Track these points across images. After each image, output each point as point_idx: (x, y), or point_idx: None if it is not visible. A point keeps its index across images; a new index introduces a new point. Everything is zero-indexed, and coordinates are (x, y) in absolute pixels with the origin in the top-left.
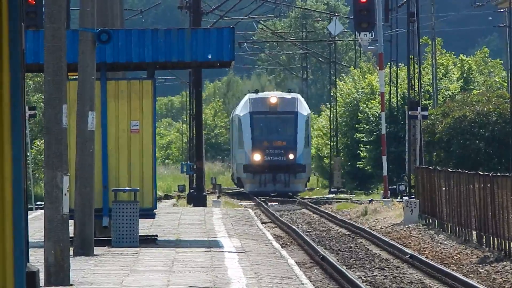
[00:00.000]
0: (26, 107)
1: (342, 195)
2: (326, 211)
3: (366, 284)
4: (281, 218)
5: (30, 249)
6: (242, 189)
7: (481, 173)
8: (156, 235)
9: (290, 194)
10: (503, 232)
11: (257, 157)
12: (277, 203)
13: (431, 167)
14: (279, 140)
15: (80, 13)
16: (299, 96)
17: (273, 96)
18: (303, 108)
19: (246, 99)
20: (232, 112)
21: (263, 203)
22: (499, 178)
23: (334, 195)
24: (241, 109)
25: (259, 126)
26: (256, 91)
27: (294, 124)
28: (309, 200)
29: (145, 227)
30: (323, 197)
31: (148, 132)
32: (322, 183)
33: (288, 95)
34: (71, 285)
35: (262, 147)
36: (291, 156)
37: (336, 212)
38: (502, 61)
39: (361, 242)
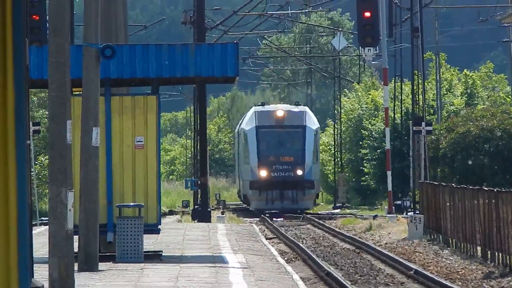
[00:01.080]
0: (30, 123)
1: (347, 211)
2: (331, 226)
3: None
4: (285, 234)
5: (34, 265)
6: (248, 206)
7: (486, 189)
8: (161, 251)
9: (299, 211)
10: (508, 247)
11: (263, 173)
12: (281, 218)
13: (435, 183)
14: (286, 156)
15: (84, 28)
16: (307, 109)
17: (280, 109)
18: (312, 122)
19: (251, 112)
20: (237, 126)
21: (267, 219)
22: (504, 194)
23: (338, 211)
24: (247, 123)
25: (266, 141)
26: (263, 104)
27: (302, 139)
28: (314, 215)
29: (149, 242)
30: (328, 212)
31: (153, 147)
32: (327, 198)
33: (295, 108)
34: None
35: (269, 163)
36: (299, 172)
37: (340, 227)
38: (506, 76)
39: (366, 257)
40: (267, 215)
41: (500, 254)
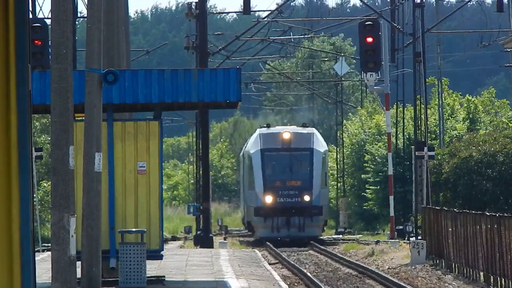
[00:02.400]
0: (33, 148)
1: (349, 236)
2: (333, 251)
3: None
4: (288, 259)
5: None
6: (253, 237)
7: (488, 214)
8: (164, 276)
9: (306, 240)
10: (510, 272)
11: (269, 199)
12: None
13: (438, 208)
14: (293, 180)
15: (86, 53)
16: (314, 130)
17: (286, 131)
18: (320, 144)
19: (256, 135)
20: (241, 150)
21: (271, 245)
22: (506, 219)
23: (341, 236)
24: (252, 145)
25: (271, 164)
26: (268, 126)
27: (310, 162)
28: (316, 241)
29: (152, 268)
30: (330, 237)
31: (155, 173)
32: (329, 223)
33: (303, 130)
34: None
35: (275, 188)
36: (306, 198)
37: (343, 253)
38: (508, 101)
39: (369, 282)
40: (271, 243)
41: (503, 279)
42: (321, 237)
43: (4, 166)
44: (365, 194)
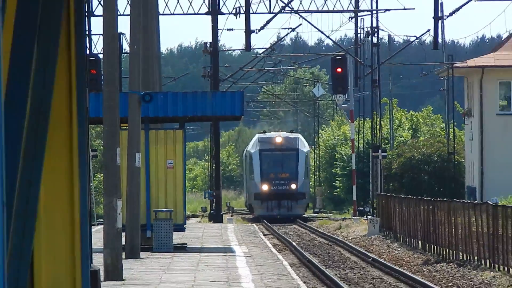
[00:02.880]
0: (90, 150)
1: (323, 214)
2: (311, 226)
3: (340, 280)
4: (278, 231)
5: (93, 254)
6: (253, 214)
7: (425, 199)
8: (186, 244)
9: (292, 217)
10: (441, 241)
11: (265, 187)
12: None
13: (388, 194)
14: (283, 173)
15: (129, 80)
16: (299, 135)
17: (278, 136)
18: (303, 146)
19: (255, 139)
20: (243, 150)
21: (266, 221)
22: (438, 202)
23: (317, 214)
24: (252, 147)
25: (267, 161)
26: (264, 132)
27: (296, 159)
28: (300, 218)
29: (177, 237)
30: (309, 215)
31: (180, 168)
32: (309, 206)
33: (290, 135)
34: (123, 280)
35: (269, 179)
36: (293, 186)
37: (318, 227)
38: (442, 116)
39: (336, 248)
40: (266, 220)
41: (435, 246)
42: (304, 216)
43: (68, 163)
44: (335, 184)
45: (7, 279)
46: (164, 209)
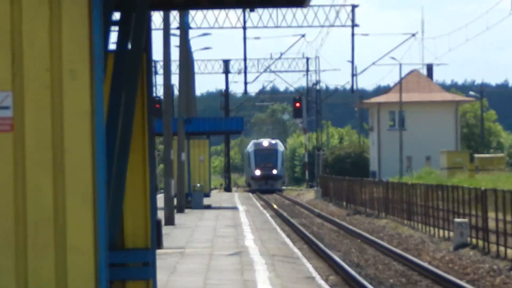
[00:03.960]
0: (155, 151)
1: (289, 187)
2: (282, 194)
3: (298, 224)
4: (264, 197)
5: (157, 210)
6: (250, 188)
7: (347, 178)
8: (211, 204)
9: (274, 190)
10: (356, 202)
11: (257, 172)
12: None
13: (326, 175)
14: (268, 163)
15: (178, 110)
16: (278, 141)
17: (265, 141)
18: (280, 147)
19: (251, 143)
20: (243, 150)
21: (258, 192)
22: (355, 180)
23: (285, 188)
24: (249, 147)
25: (258, 156)
26: (257, 139)
27: (276, 155)
28: (278, 190)
29: (206, 201)
30: (282, 188)
31: (206, 161)
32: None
33: (273, 141)
34: (175, 225)
35: (260, 167)
36: (274, 171)
37: (286, 194)
38: (356, 130)
39: (297, 207)
40: (258, 191)
41: (353, 205)
42: (280, 189)
43: (143, 158)
44: (296, 170)
45: (108, 227)
46: (198, 184)
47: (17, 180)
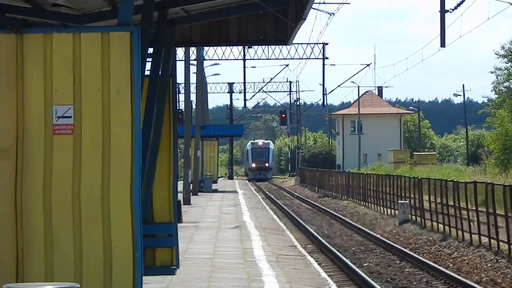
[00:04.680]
0: (178, 148)
1: (276, 176)
2: (272, 182)
3: (283, 204)
4: (257, 184)
5: (178, 193)
6: (248, 177)
7: (319, 169)
8: (217, 189)
9: (266, 179)
10: (325, 187)
11: (254, 165)
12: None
13: (303, 167)
14: (262, 158)
15: (196, 118)
16: (270, 141)
17: (260, 141)
18: (272, 146)
19: (249, 143)
20: (243, 149)
21: (254, 181)
22: (325, 171)
23: (273, 176)
24: (248, 146)
25: (255, 153)
26: (254, 140)
27: (268, 152)
28: (269, 179)
29: (214, 186)
30: (272, 177)
31: (215, 156)
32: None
33: (265, 141)
34: (191, 204)
35: (255, 161)
36: (266, 164)
37: (274, 182)
38: (326, 135)
39: (281, 191)
40: (254, 180)
41: (323, 190)
42: (270, 178)
43: (168, 154)
44: (281, 163)
45: (141, 206)
46: (209, 174)
47: (75, 170)
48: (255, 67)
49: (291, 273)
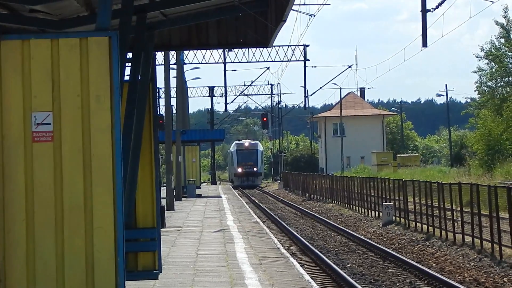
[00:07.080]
0: (159, 154)
1: (264, 182)
2: (260, 189)
3: (266, 208)
4: (244, 191)
5: (161, 199)
6: (233, 184)
7: (302, 173)
8: (201, 194)
9: (254, 186)
10: (309, 191)
11: (239, 169)
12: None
13: (287, 171)
14: (249, 162)
15: (177, 123)
16: (258, 142)
17: (246, 141)
18: (260, 147)
19: (234, 144)
20: (226, 152)
21: (239, 188)
22: (308, 175)
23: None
24: (232, 148)
25: (240, 155)
26: (239, 139)
27: (256, 154)
28: (258, 186)
29: (197, 191)
30: (260, 183)
31: (197, 162)
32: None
33: (253, 142)
34: (174, 210)
35: (242, 165)
36: (254, 169)
37: (262, 188)
38: (308, 138)
39: (265, 195)
40: (240, 187)
41: (307, 193)
42: (260, 185)
43: (150, 160)
44: (265, 168)
45: (124, 211)
46: (191, 179)
47: (56, 177)
48: (235, 70)
49: (274, 276)
